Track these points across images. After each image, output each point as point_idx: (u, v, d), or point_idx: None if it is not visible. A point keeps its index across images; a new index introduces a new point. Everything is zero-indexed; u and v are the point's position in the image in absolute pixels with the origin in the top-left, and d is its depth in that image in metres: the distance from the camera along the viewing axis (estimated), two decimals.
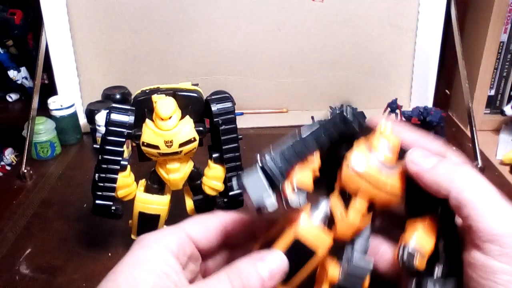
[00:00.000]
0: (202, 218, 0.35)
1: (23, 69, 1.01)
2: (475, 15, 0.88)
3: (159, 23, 0.85)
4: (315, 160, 0.33)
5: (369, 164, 0.31)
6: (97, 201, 0.46)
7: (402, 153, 0.32)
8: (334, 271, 0.33)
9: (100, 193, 0.46)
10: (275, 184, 0.31)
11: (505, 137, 0.87)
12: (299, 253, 0.32)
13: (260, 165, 0.31)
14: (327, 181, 0.34)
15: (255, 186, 0.31)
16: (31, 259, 0.54)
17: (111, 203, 0.46)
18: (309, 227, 0.32)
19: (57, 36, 0.83)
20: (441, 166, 0.30)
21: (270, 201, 0.30)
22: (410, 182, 0.33)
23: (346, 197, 0.32)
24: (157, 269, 0.30)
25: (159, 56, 0.87)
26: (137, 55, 0.87)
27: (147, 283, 0.29)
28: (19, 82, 1.01)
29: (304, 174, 0.32)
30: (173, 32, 0.85)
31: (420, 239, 0.31)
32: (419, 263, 0.31)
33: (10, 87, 1.04)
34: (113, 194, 0.46)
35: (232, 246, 0.38)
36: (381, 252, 0.35)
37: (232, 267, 0.30)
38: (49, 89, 0.89)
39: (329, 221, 0.33)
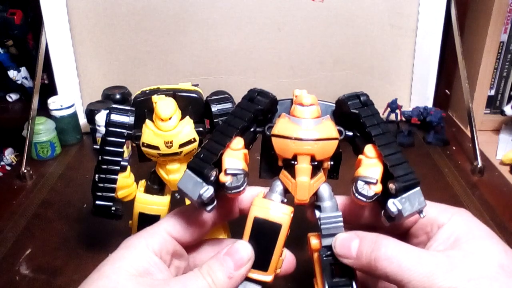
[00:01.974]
0: (180, 213, 0.36)
1: (23, 69, 1.01)
2: (475, 15, 0.88)
3: (159, 23, 0.85)
4: (237, 143, 0.34)
5: (297, 127, 0.34)
6: (97, 202, 0.46)
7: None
8: (314, 240, 0.36)
9: (100, 193, 0.46)
10: (207, 176, 0.32)
11: (505, 137, 0.87)
12: (265, 232, 0.33)
13: (187, 166, 0.33)
14: (272, 165, 0.37)
15: (189, 185, 0.33)
16: (31, 260, 0.54)
17: (111, 203, 0.46)
18: (265, 203, 0.34)
19: (57, 36, 0.83)
20: (363, 250, 0.32)
21: (204, 190, 0.32)
22: (342, 122, 0.36)
23: (292, 168, 0.34)
24: (140, 265, 0.32)
25: (159, 56, 0.87)
26: (137, 55, 0.87)
27: (130, 274, 0.30)
28: (19, 82, 1.01)
29: (232, 158, 0.34)
30: (173, 32, 0.85)
31: (366, 169, 0.33)
32: (373, 190, 0.32)
33: (10, 87, 1.04)
34: (113, 194, 0.46)
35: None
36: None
37: (205, 265, 0.33)
38: (49, 89, 0.89)
39: (286, 194, 0.35)
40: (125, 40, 0.86)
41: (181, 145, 0.45)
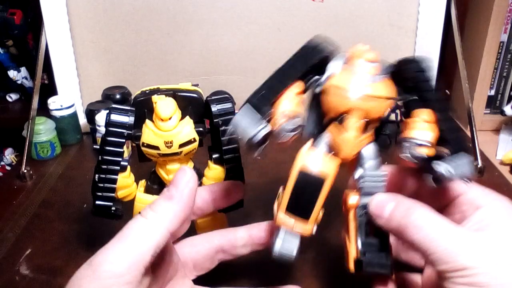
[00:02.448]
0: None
1: (23, 69, 1.01)
2: (475, 15, 0.88)
3: (159, 23, 0.85)
4: (296, 88, 0.34)
5: (357, 84, 0.33)
6: (97, 202, 0.46)
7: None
8: (353, 197, 0.35)
9: (100, 193, 0.46)
10: (266, 113, 0.32)
11: (505, 137, 0.87)
12: (309, 184, 0.33)
13: (247, 101, 0.32)
14: (319, 120, 0.36)
15: (246, 121, 0.32)
16: (31, 260, 0.54)
17: (111, 203, 0.46)
18: (311, 157, 0.33)
19: (57, 36, 0.83)
20: (396, 213, 0.32)
21: (262, 127, 0.31)
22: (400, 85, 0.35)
23: (341, 123, 0.33)
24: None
25: (159, 56, 0.87)
26: (137, 55, 0.87)
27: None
28: (19, 82, 1.01)
29: (289, 101, 0.33)
30: (173, 32, 0.85)
31: (418, 129, 0.33)
32: (424, 151, 0.32)
33: (10, 87, 1.04)
34: (113, 194, 0.46)
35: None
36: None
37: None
38: (49, 89, 0.89)
39: (332, 149, 0.34)
40: (125, 40, 0.86)
41: (181, 145, 0.45)
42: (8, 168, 1.09)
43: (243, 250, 0.40)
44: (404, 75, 0.35)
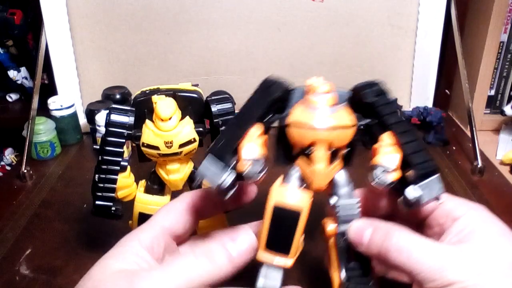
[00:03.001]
0: (171, 205, 0.36)
1: (23, 69, 1.01)
2: (475, 15, 0.88)
3: (159, 23, 0.85)
4: (256, 130, 0.34)
5: (313, 115, 0.33)
6: (97, 202, 0.46)
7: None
8: (330, 225, 0.36)
9: (100, 194, 0.46)
10: (228, 162, 0.32)
11: (505, 137, 0.87)
12: (285, 219, 0.33)
13: (208, 151, 0.32)
14: (287, 152, 0.36)
15: (210, 171, 0.32)
16: (31, 260, 0.54)
17: (111, 203, 0.46)
18: (284, 191, 0.33)
19: (57, 36, 0.83)
20: (375, 239, 0.32)
21: (226, 175, 0.31)
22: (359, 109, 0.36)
23: (309, 155, 0.34)
24: (127, 260, 0.31)
25: (159, 56, 0.87)
26: (137, 55, 0.87)
27: (115, 267, 0.30)
28: (19, 82, 1.01)
29: (251, 144, 0.33)
30: (173, 32, 0.85)
31: (384, 156, 0.33)
32: (391, 177, 0.32)
33: (10, 87, 1.04)
34: (113, 195, 0.46)
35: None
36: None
37: (201, 246, 0.32)
38: (49, 89, 0.89)
39: (304, 181, 0.35)
40: (125, 40, 0.86)
41: (181, 145, 0.45)
42: (8, 168, 1.09)
43: None
44: (363, 100, 0.36)
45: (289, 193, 0.33)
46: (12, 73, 0.99)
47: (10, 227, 0.61)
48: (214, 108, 0.46)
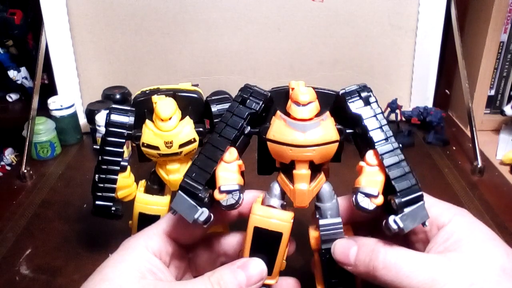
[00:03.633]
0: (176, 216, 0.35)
1: (23, 69, 1.01)
2: (475, 15, 0.88)
3: (159, 23, 0.85)
4: (230, 154, 0.33)
5: (293, 132, 0.32)
6: (97, 202, 0.46)
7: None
8: (313, 240, 0.36)
9: (100, 194, 0.46)
10: (201, 199, 0.32)
11: (505, 137, 0.87)
12: (267, 240, 0.33)
13: (180, 187, 0.32)
14: (269, 162, 0.36)
15: (183, 207, 0.32)
16: (31, 260, 0.54)
17: (111, 203, 0.46)
18: (264, 212, 0.33)
19: (57, 36, 0.83)
20: (361, 257, 0.32)
21: (199, 214, 0.32)
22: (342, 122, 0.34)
23: (290, 171, 0.33)
24: (141, 266, 0.31)
25: (159, 56, 0.87)
26: (137, 55, 0.87)
27: (133, 276, 0.30)
28: (19, 82, 1.01)
29: (226, 172, 0.33)
30: (173, 32, 0.85)
31: (367, 178, 0.32)
32: (373, 204, 0.31)
33: (10, 87, 1.04)
34: (113, 195, 0.46)
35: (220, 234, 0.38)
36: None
37: (215, 272, 0.32)
38: (49, 89, 0.89)
39: (285, 199, 0.35)
40: (125, 40, 0.86)
41: (181, 145, 0.45)
42: (8, 168, 1.08)
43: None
44: (348, 111, 0.34)
45: (270, 214, 0.33)
46: (12, 73, 0.99)
47: (10, 227, 0.61)
48: (214, 108, 0.46)
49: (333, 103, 0.35)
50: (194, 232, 0.36)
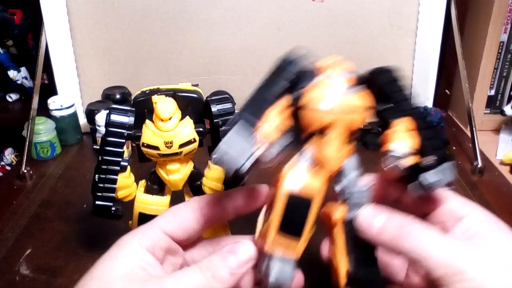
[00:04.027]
0: (176, 209, 0.35)
1: (23, 69, 1.01)
2: (475, 15, 0.88)
3: (159, 23, 0.85)
4: (284, 100, 0.34)
5: (335, 96, 0.32)
6: (97, 202, 0.46)
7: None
8: (338, 213, 0.35)
9: (100, 194, 0.46)
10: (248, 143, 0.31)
11: (505, 137, 0.87)
12: (297, 206, 0.33)
13: (228, 127, 0.32)
14: (296, 135, 0.35)
15: (237, 146, 0.31)
16: (31, 260, 0.54)
17: (111, 204, 0.46)
18: (296, 177, 0.32)
19: (57, 36, 0.83)
20: (389, 226, 0.32)
21: (243, 160, 0.30)
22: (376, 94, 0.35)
23: (323, 137, 0.33)
24: (131, 262, 0.31)
25: (159, 56, 0.87)
26: (137, 55, 0.87)
27: (121, 273, 0.30)
28: (19, 82, 1.01)
29: (269, 124, 0.32)
30: (173, 32, 0.85)
31: (400, 140, 0.32)
32: (410, 161, 0.32)
33: (10, 87, 1.04)
34: (113, 195, 0.46)
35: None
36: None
37: (205, 259, 0.32)
38: (49, 89, 0.89)
39: (316, 164, 0.34)
40: (125, 40, 0.86)
41: (181, 145, 0.45)
42: (8, 168, 1.09)
43: None
44: (377, 85, 0.35)
45: (301, 179, 0.33)
46: (12, 73, 0.99)
47: (10, 227, 0.61)
48: (214, 108, 0.46)
49: (365, 79, 0.36)
50: (190, 228, 0.35)
